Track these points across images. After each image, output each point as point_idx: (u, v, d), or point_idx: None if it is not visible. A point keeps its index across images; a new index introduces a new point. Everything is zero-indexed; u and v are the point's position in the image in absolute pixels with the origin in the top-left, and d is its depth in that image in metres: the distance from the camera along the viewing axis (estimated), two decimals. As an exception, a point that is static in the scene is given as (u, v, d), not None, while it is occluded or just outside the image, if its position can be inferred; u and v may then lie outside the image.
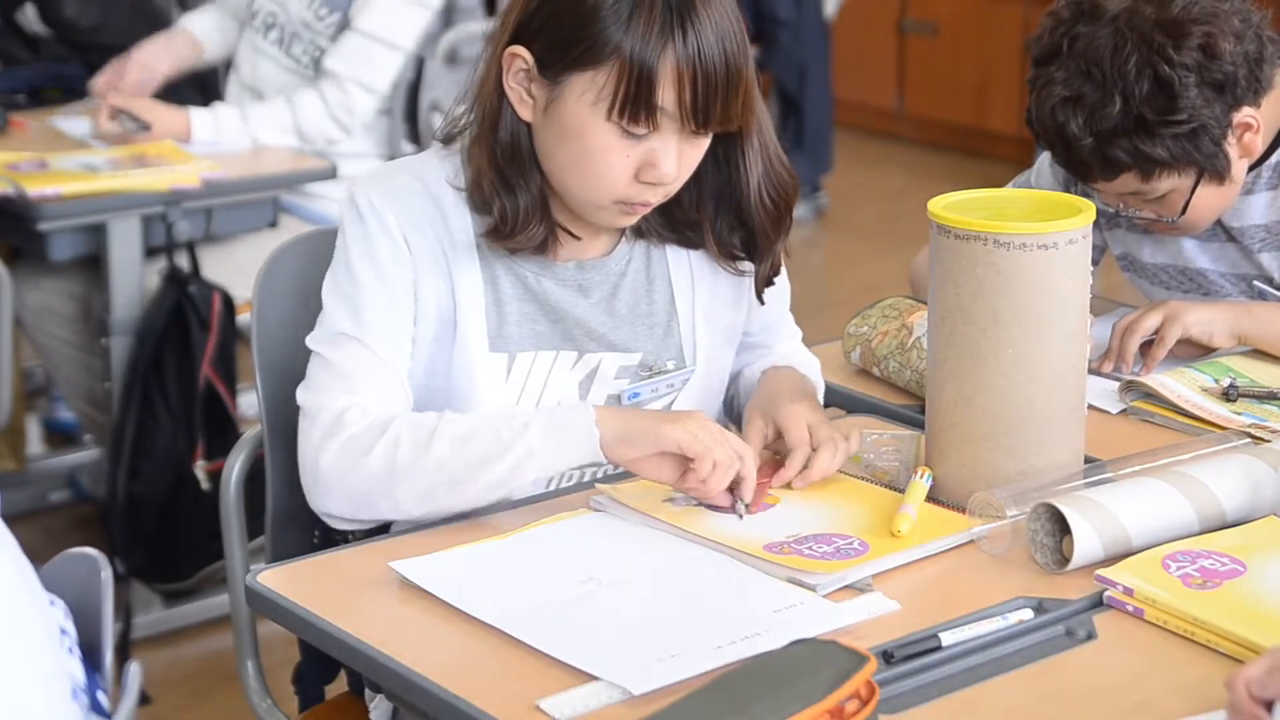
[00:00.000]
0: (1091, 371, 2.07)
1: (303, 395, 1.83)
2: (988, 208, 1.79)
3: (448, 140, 1.89)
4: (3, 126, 3.56)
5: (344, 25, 3.52)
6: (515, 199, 1.82)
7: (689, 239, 1.93)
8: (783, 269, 2.00)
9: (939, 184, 2.68)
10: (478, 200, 1.84)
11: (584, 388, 1.90)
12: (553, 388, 1.88)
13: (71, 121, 3.60)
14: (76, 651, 1.43)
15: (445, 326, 1.85)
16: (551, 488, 1.87)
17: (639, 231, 1.93)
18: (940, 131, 6.77)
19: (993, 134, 6.56)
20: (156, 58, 3.65)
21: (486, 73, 1.83)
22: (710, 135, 1.81)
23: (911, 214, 4.68)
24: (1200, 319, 2.15)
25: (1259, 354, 2.17)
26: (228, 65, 3.76)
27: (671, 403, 1.94)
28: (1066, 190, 2.32)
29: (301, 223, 3.44)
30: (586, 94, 1.75)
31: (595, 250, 1.91)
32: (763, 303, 1.98)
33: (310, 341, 1.85)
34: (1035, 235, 1.72)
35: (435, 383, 1.86)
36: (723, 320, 1.97)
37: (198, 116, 3.46)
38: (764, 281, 1.95)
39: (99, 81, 3.62)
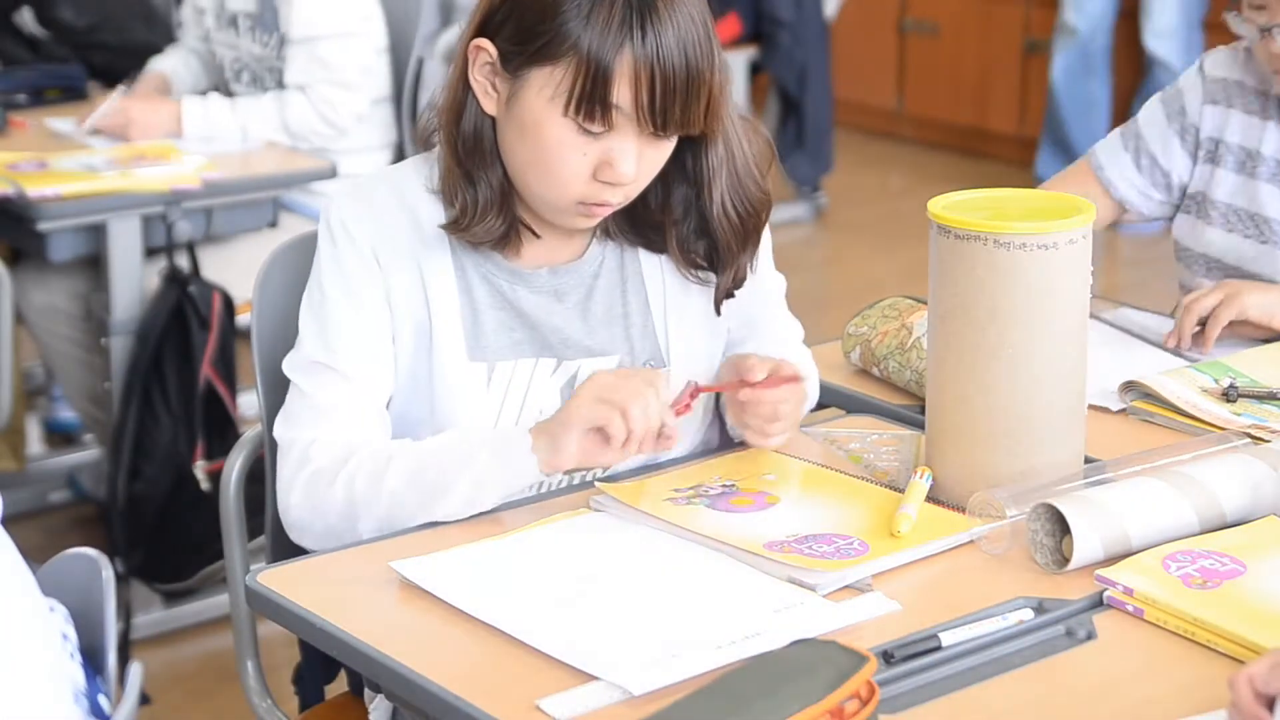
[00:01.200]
0: (1164, 348, 2.20)
1: (278, 428, 1.86)
2: (988, 208, 1.79)
3: (426, 142, 1.89)
4: (2, 126, 3.57)
5: (284, 41, 3.52)
6: (475, 191, 1.83)
7: (653, 242, 1.92)
8: (771, 269, 1.99)
9: (939, 184, 2.68)
10: (445, 194, 1.85)
11: (564, 395, 1.89)
12: (534, 396, 1.88)
13: (63, 121, 3.60)
14: (77, 656, 1.43)
15: (422, 338, 1.86)
16: (546, 489, 1.88)
17: (608, 232, 1.92)
18: (940, 131, 6.77)
19: (993, 134, 6.56)
20: (152, 112, 3.55)
21: (455, 66, 1.84)
22: (674, 139, 1.80)
23: (911, 214, 4.67)
24: (1260, 302, 2.21)
25: (1259, 354, 2.17)
26: None
27: None
28: (1180, 115, 2.38)
29: (304, 220, 3.44)
30: (545, 89, 1.75)
31: (567, 254, 1.91)
32: (719, 314, 1.94)
33: (286, 368, 1.87)
34: (1035, 235, 1.72)
35: (418, 395, 1.86)
36: (698, 313, 1.95)
37: (189, 107, 3.46)
38: (724, 294, 1.93)
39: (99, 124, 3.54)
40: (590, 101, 1.73)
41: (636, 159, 1.78)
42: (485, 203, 1.83)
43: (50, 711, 1.34)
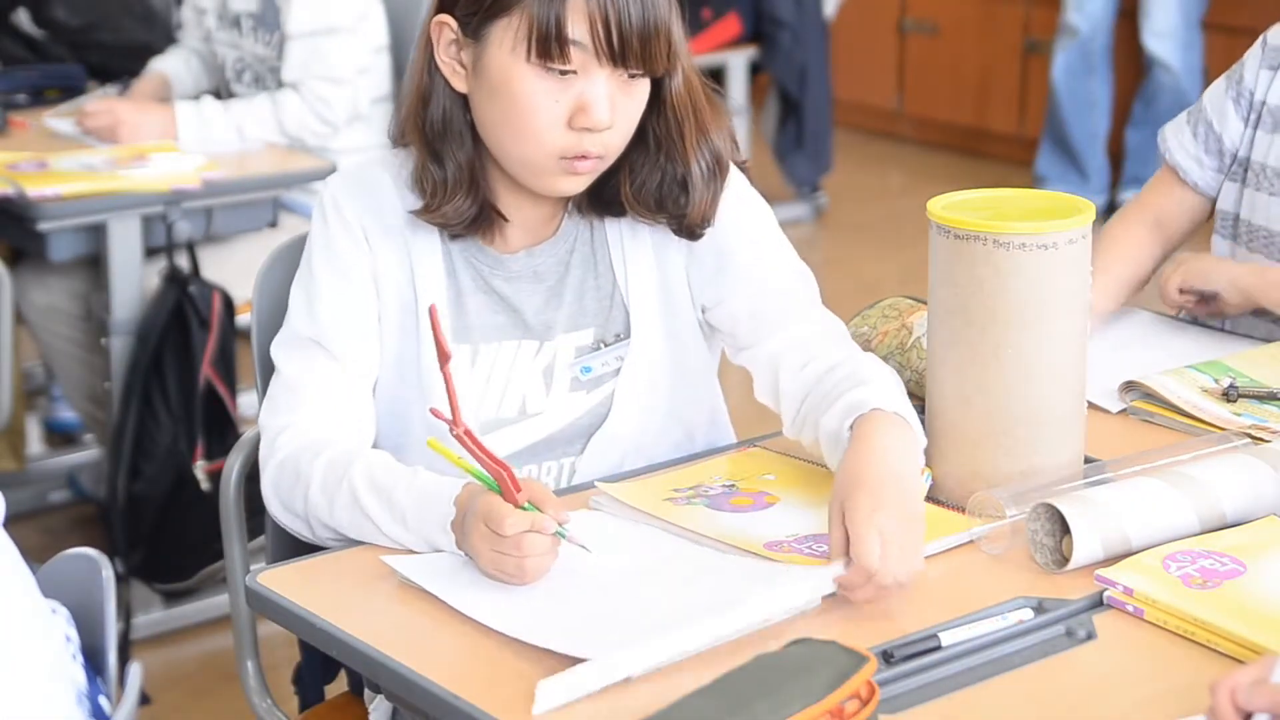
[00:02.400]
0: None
1: (260, 415, 1.87)
2: (987, 208, 1.79)
3: (400, 142, 1.89)
4: (3, 126, 3.57)
5: (285, 39, 3.52)
6: (443, 170, 1.84)
7: (608, 204, 1.90)
8: (788, 262, 1.96)
9: (939, 184, 2.68)
10: (418, 184, 1.86)
11: (546, 377, 1.90)
12: (517, 379, 1.90)
13: (61, 122, 3.60)
14: (79, 657, 1.43)
15: (408, 318, 1.88)
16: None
17: (579, 207, 1.92)
18: (940, 131, 6.77)
19: (993, 134, 6.56)
20: (143, 115, 3.58)
21: (418, 56, 1.86)
22: (644, 85, 1.81)
23: (911, 214, 4.68)
24: (1199, 269, 2.30)
25: (1259, 354, 2.17)
26: None
27: (618, 372, 1.91)
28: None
29: (304, 220, 3.44)
30: (505, 41, 1.77)
31: (543, 233, 1.91)
32: (696, 238, 1.91)
33: (272, 348, 1.89)
34: (1035, 235, 1.72)
35: (407, 377, 1.88)
36: (655, 288, 1.93)
37: (183, 113, 3.46)
38: (688, 231, 1.89)
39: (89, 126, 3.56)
40: (547, 41, 1.75)
41: (610, 104, 1.78)
42: (454, 182, 1.84)
43: (51, 712, 1.34)
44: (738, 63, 5.82)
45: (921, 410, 1.87)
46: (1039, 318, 1.74)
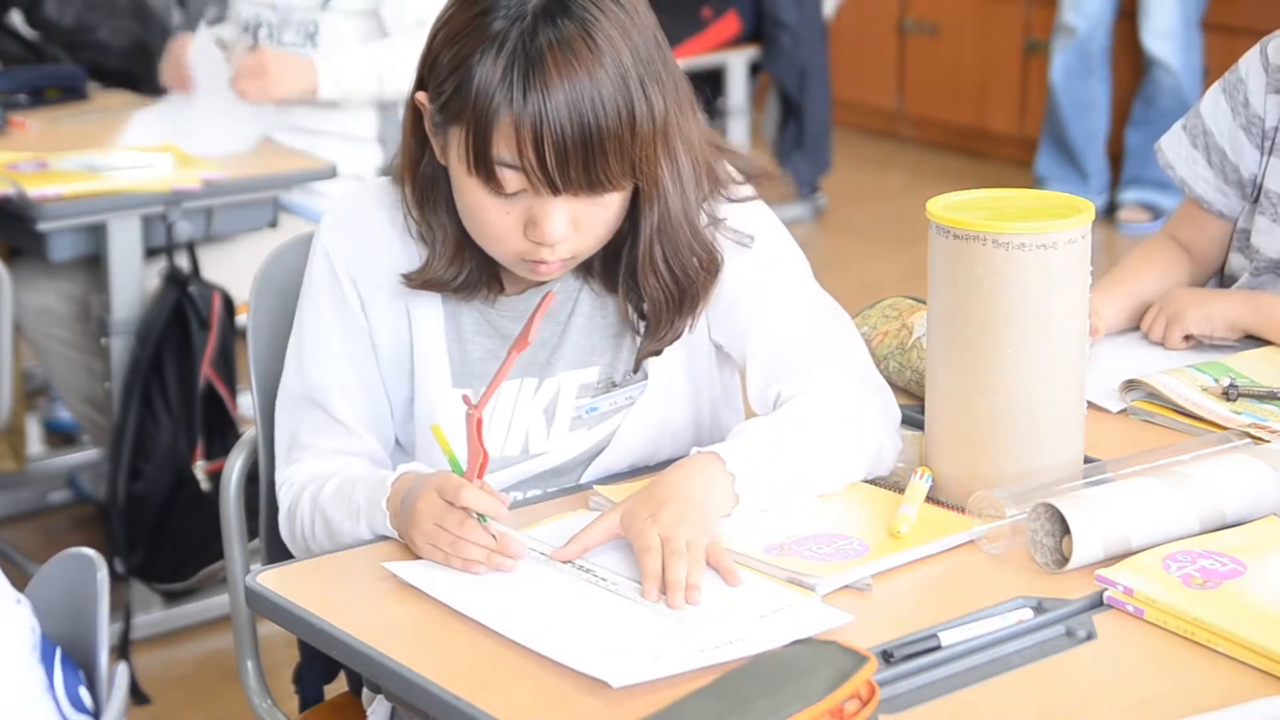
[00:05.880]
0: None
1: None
2: (987, 208, 1.79)
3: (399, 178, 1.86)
4: (2, 126, 3.57)
5: None
6: (433, 243, 1.81)
7: (607, 285, 1.86)
8: (809, 310, 1.90)
9: (939, 184, 2.68)
10: (421, 239, 1.84)
11: (548, 414, 1.88)
12: (519, 417, 1.88)
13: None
14: (39, 649, 1.42)
15: (403, 363, 1.86)
16: (541, 492, 1.89)
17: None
18: (940, 131, 6.77)
19: (993, 134, 6.56)
20: (285, 63, 3.59)
21: (407, 115, 1.81)
22: (615, 195, 1.73)
23: (911, 214, 4.66)
24: (1199, 318, 2.21)
25: (1259, 354, 2.17)
26: None
27: (627, 413, 1.89)
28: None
29: (304, 220, 3.44)
30: (456, 148, 1.72)
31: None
32: (636, 370, 1.87)
33: (277, 400, 1.89)
34: (1035, 235, 1.72)
35: (405, 415, 1.88)
36: None
37: (323, 67, 3.44)
38: (645, 352, 1.85)
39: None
40: (477, 160, 1.69)
41: (568, 219, 1.71)
42: (441, 256, 1.81)
43: (15, 703, 1.34)
44: (738, 63, 5.81)
45: (921, 410, 1.87)
46: (1039, 318, 1.74)
